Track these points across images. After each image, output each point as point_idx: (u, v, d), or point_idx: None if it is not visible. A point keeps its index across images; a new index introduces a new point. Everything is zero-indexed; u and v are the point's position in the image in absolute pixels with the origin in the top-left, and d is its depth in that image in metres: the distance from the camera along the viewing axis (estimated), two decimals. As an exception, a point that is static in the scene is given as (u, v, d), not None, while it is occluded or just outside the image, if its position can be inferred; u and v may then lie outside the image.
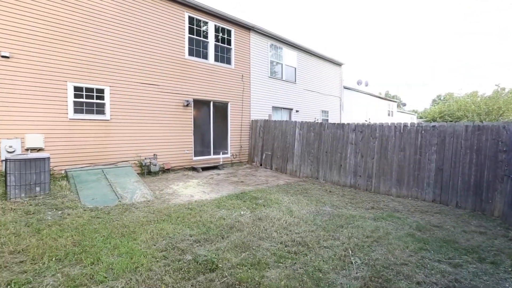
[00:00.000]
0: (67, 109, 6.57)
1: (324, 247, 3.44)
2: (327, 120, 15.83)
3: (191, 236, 3.57)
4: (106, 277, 2.57)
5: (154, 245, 3.28)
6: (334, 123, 7.91)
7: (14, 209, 4.25)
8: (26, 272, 2.60)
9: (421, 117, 39.00)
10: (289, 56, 12.91)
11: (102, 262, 2.83)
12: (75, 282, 2.47)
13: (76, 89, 6.71)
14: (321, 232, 3.91)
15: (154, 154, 7.91)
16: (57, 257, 2.89)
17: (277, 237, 3.67)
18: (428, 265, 3.03)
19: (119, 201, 5.15)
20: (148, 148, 7.92)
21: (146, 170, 7.62)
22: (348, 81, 21.01)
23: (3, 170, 5.52)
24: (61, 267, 2.72)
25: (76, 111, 6.73)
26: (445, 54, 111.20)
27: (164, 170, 8.09)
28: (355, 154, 7.26)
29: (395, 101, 29.32)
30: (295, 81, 13.31)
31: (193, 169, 8.81)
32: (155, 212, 4.51)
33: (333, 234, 3.86)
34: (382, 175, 6.63)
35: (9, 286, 2.37)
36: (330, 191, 6.67)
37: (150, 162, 7.63)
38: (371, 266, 2.99)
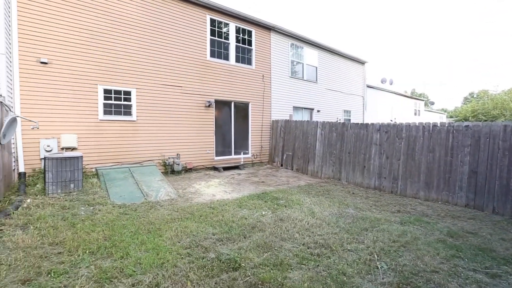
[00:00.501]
0: (97, 111, 6.95)
1: (348, 250, 3.36)
2: (350, 120, 15.42)
3: (213, 235, 3.64)
4: (134, 271, 2.69)
5: (179, 242, 3.38)
6: (357, 123, 7.68)
7: (52, 203, 4.56)
8: (63, 262, 2.79)
9: (451, 116, 36.79)
10: (310, 55, 12.74)
11: (131, 257, 2.96)
12: (107, 274, 2.61)
13: (106, 91, 7.08)
14: (344, 234, 3.82)
15: (177, 154, 8.15)
16: (90, 250, 3.06)
17: (299, 238, 3.64)
18: (462, 274, 2.86)
19: (145, 199, 5.35)
20: (172, 148, 8.18)
21: (169, 169, 7.87)
22: (371, 79, 20.33)
23: (42, 167, 5.97)
24: (94, 259, 2.89)
25: (105, 112, 7.10)
26: (461, 54, 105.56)
27: (187, 170, 8.31)
28: (380, 155, 7.00)
29: (422, 100, 27.88)
30: (317, 80, 13.10)
31: (215, 168, 8.96)
32: (179, 210, 4.64)
33: (357, 237, 3.76)
34: (409, 177, 6.34)
35: (49, 275, 2.55)
36: (353, 193, 6.50)
37: (173, 162, 7.87)
38: (398, 272, 2.87)
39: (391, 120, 10.38)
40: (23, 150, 5.93)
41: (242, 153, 9.98)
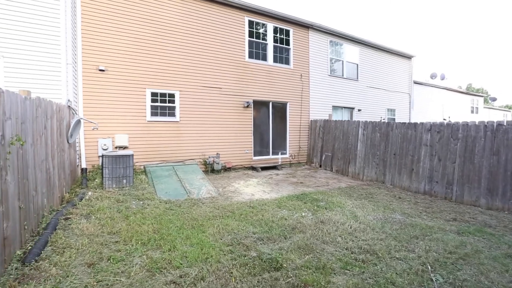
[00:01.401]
0: (145, 112, 7.51)
1: (396, 258, 3.13)
2: (394, 119, 14.42)
3: (254, 234, 3.68)
4: (181, 264, 2.84)
5: (221, 239, 3.48)
6: (404, 123, 7.14)
7: (108, 197, 5.04)
8: (120, 251, 3.06)
9: (517, 114, 32.23)
10: (350, 52, 12.20)
11: (177, 250, 3.13)
12: (157, 264, 2.80)
13: (153, 94, 7.62)
14: (391, 241, 3.57)
15: (217, 153, 8.42)
16: (142, 241, 3.31)
17: (342, 242, 3.50)
18: (539, 295, 2.48)
19: (188, 196, 5.63)
20: (212, 147, 8.48)
21: (210, 168, 8.17)
22: (420, 75, 18.78)
23: (100, 164, 6.64)
24: (145, 250, 3.12)
25: (152, 114, 7.64)
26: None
27: (226, 169, 8.55)
28: (431, 157, 6.41)
29: (481, 96, 24.82)
30: (357, 78, 12.50)
31: (253, 168, 9.08)
32: (220, 208, 4.78)
33: (407, 245, 3.49)
34: (467, 182, 5.70)
35: (109, 261, 2.83)
36: (399, 197, 6.06)
37: (213, 161, 8.15)
38: (457, 287, 2.60)
39: (444, 119, 9.45)
40: (85, 148, 6.67)
41: (280, 153, 9.95)
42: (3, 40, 5.28)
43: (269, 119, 9.81)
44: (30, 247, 2.87)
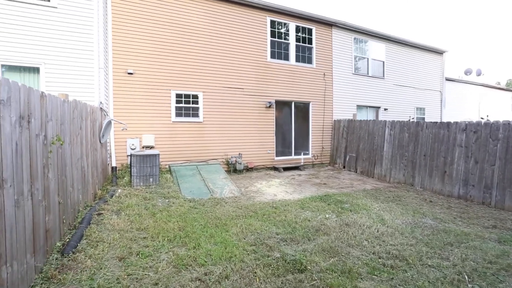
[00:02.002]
0: (170, 113, 7.76)
1: (428, 265, 2.96)
2: (423, 118, 13.67)
3: (277, 234, 3.65)
4: (206, 262, 2.89)
5: (244, 239, 3.50)
6: (436, 122, 6.74)
7: (136, 194, 5.27)
8: (147, 246, 3.18)
9: None
10: (375, 49, 11.75)
11: (202, 248, 3.20)
12: (183, 261, 2.87)
13: (177, 96, 7.85)
14: (422, 247, 3.38)
15: (239, 153, 8.50)
16: (168, 238, 3.42)
17: (368, 246, 3.37)
18: None
19: (211, 195, 5.72)
20: (234, 147, 8.57)
21: (232, 168, 8.26)
22: (453, 71, 17.63)
23: (128, 163, 6.96)
24: (171, 247, 3.21)
25: (177, 114, 7.87)
26: None
27: (248, 169, 8.59)
28: (466, 159, 5.99)
29: (524, 93, 22.74)
30: (383, 76, 12.01)
31: (275, 168, 9.04)
32: (243, 208, 4.81)
33: (440, 252, 3.28)
34: (509, 186, 5.25)
35: (138, 256, 2.95)
36: (430, 201, 5.72)
37: (235, 161, 8.23)
38: (499, 299, 2.40)
39: (482, 118, 8.81)
40: (115, 147, 7.03)
41: (302, 153, 9.82)
42: (45, 48, 5.72)
43: (291, 119, 9.72)
44: (68, 240, 3.07)
